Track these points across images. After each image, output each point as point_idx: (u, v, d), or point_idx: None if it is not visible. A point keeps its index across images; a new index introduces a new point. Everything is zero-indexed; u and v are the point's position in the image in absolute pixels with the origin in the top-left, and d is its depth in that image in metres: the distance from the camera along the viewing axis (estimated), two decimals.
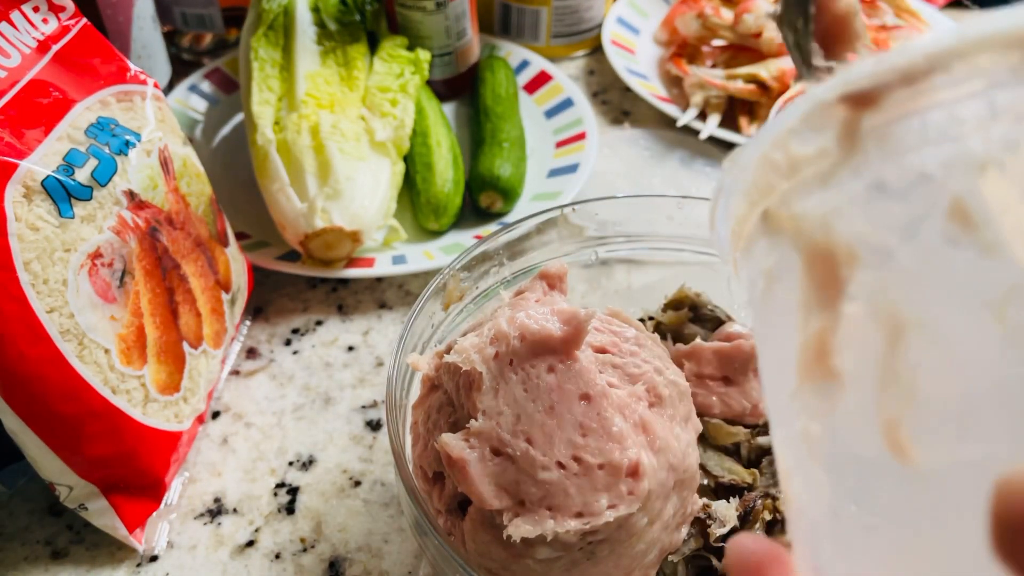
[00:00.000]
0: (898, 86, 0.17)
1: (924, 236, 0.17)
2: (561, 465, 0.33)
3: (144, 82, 0.51)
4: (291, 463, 0.53)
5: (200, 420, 0.52)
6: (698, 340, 0.44)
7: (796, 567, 0.20)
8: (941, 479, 0.16)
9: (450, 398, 0.37)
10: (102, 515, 0.46)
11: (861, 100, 0.17)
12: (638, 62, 0.88)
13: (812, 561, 0.19)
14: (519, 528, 0.32)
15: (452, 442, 0.33)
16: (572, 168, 0.72)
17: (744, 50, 0.83)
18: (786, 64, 0.78)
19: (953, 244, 0.16)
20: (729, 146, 0.78)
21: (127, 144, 0.47)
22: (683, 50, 0.86)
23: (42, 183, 0.40)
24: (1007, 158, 0.16)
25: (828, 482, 0.19)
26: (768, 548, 0.20)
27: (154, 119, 0.50)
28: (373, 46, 0.75)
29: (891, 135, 0.17)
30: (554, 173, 0.73)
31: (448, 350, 0.37)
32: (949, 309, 0.16)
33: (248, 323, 0.62)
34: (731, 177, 0.22)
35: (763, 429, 0.44)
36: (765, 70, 0.78)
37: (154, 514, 0.48)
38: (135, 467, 0.46)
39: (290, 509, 0.50)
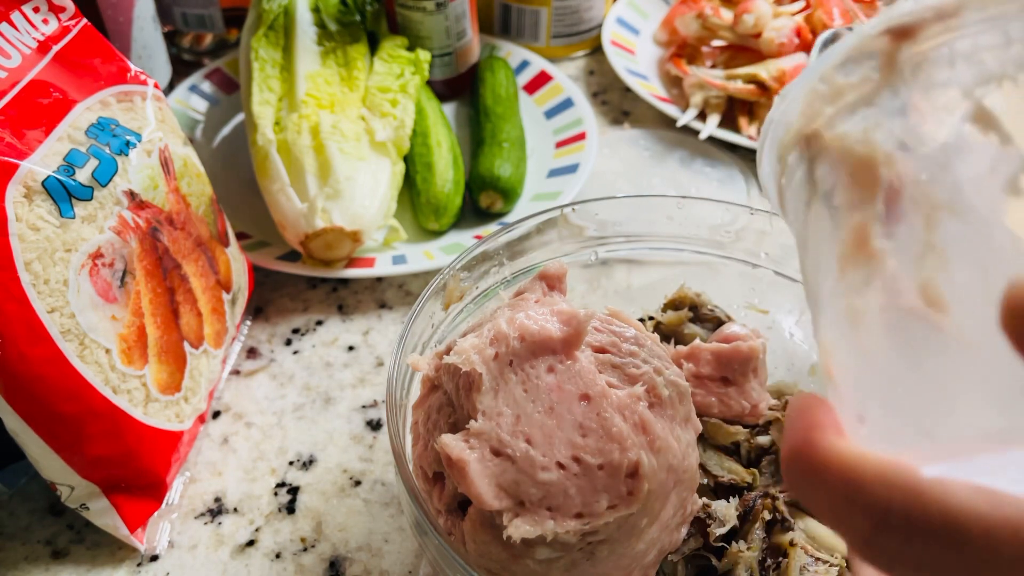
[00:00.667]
0: (932, 22, 0.21)
1: (951, 135, 0.21)
2: (561, 466, 0.33)
3: (144, 82, 0.51)
4: (291, 463, 0.53)
5: (201, 420, 0.52)
6: (697, 341, 0.44)
7: (840, 414, 0.22)
8: (969, 331, 0.19)
9: (450, 399, 0.37)
10: (103, 515, 0.46)
11: (901, 33, 0.21)
12: (638, 62, 0.88)
13: (854, 410, 0.22)
14: (519, 528, 0.32)
15: (452, 443, 0.34)
16: (572, 168, 0.72)
17: (744, 50, 0.83)
18: (785, 64, 0.78)
19: (974, 140, 0.20)
20: (729, 146, 0.78)
21: (127, 144, 0.47)
22: (683, 50, 0.86)
23: (43, 183, 0.41)
24: (1019, 74, 0.20)
25: (870, 344, 0.21)
26: (820, 397, 0.23)
27: (154, 119, 0.50)
28: (373, 46, 0.75)
29: (925, 61, 0.21)
30: (554, 173, 0.73)
31: (448, 351, 0.37)
32: (974, 190, 0.20)
33: (249, 323, 0.62)
34: (780, 109, 0.25)
35: (763, 429, 0.44)
36: (765, 70, 0.78)
37: (155, 514, 0.48)
38: (136, 467, 0.46)
39: (290, 509, 0.50)
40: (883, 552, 0.19)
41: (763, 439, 0.44)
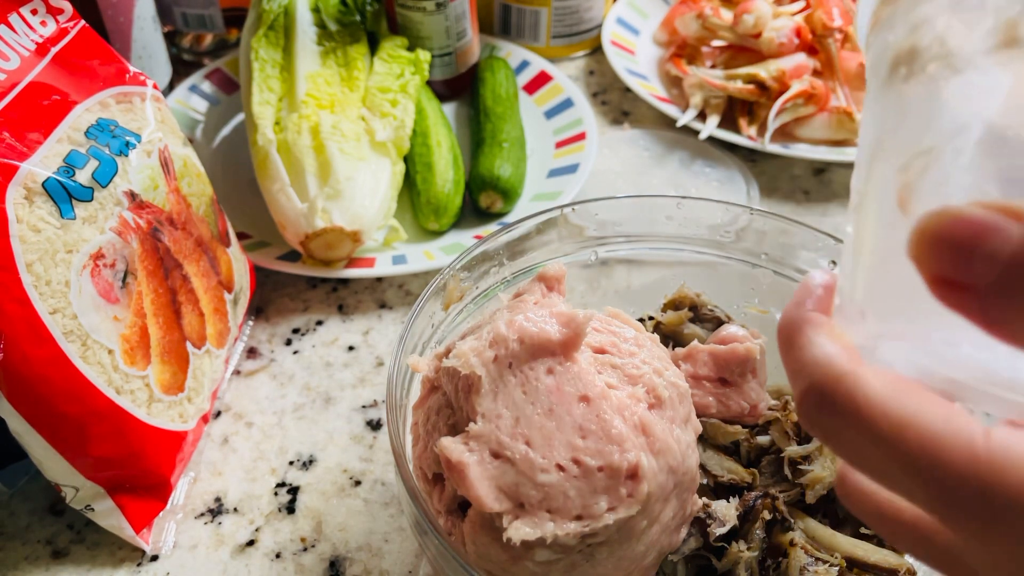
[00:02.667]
0: None
1: None
2: (561, 467, 0.33)
3: (143, 83, 0.51)
4: (291, 463, 0.53)
5: (205, 420, 0.52)
6: (695, 342, 0.44)
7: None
8: None
9: (449, 400, 0.37)
10: (108, 516, 0.46)
11: None
12: (638, 62, 0.88)
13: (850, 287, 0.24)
14: (519, 531, 0.32)
15: (451, 446, 0.34)
16: (572, 168, 0.72)
17: (743, 50, 0.83)
18: (785, 64, 0.78)
19: None
20: (729, 146, 0.78)
21: (127, 145, 0.47)
22: (683, 50, 0.86)
23: (43, 184, 0.41)
24: None
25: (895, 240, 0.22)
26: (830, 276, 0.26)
27: (154, 120, 0.50)
28: (373, 46, 0.76)
29: None
30: (554, 173, 0.73)
31: (447, 352, 0.37)
32: None
33: (251, 323, 0.62)
34: None
35: (762, 429, 0.44)
36: (764, 70, 0.78)
37: (160, 514, 0.48)
38: (141, 467, 0.46)
39: (290, 508, 0.50)
40: (813, 426, 0.23)
41: (763, 439, 0.44)
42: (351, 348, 0.61)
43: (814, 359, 0.23)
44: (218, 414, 0.56)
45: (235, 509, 0.50)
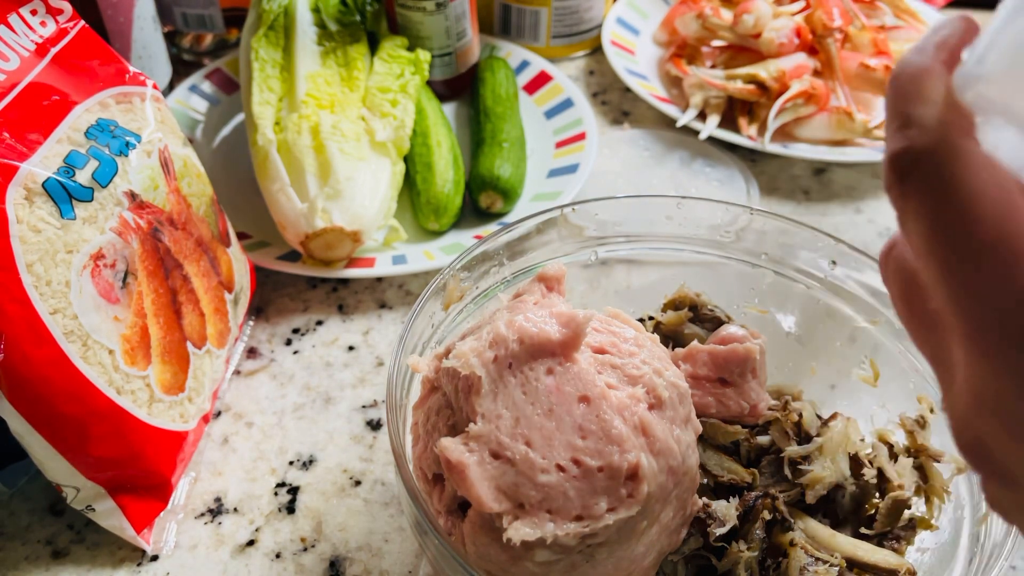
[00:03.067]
0: None
1: None
2: (560, 468, 0.33)
3: (143, 83, 0.51)
4: (291, 463, 0.53)
5: (205, 420, 0.52)
6: (695, 343, 0.44)
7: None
8: None
9: (449, 401, 0.37)
10: (109, 516, 0.46)
11: None
12: (638, 62, 0.88)
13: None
14: (519, 531, 0.32)
15: (451, 446, 0.34)
16: (572, 168, 0.72)
17: (743, 50, 0.83)
18: (785, 64, 0.78)
19: None
20: (729, 146, 0.78)
21: (127, 145, 0.47)
22: (683, 50, 0.86)
23: (43, 185, 0.41)
24: None
25: None
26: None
27: (154, 120, 0.50)
28: (373, 47, 0.76)
29: None
30: (554, 173, 0.73)
31: (447, 352, 0.37)
32: None
33: (252, 323, 0.62)
34: None
35: (762, 429, 0.44)
36: (764, 70, 0.78)
37: (161, 514, 0.48)
38: (142, 467, 0.46)
39: (290, 508, 0.50)
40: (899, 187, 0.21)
41: (763, 439, 0.44)
42: (351, 348, 0.61)
43: (925, 118, 0.21)
44: (218, 414, 0.56)
45: (235, 509, 0.50)
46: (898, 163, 0.21)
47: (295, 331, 0.62)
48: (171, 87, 0.81)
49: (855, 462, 0.42)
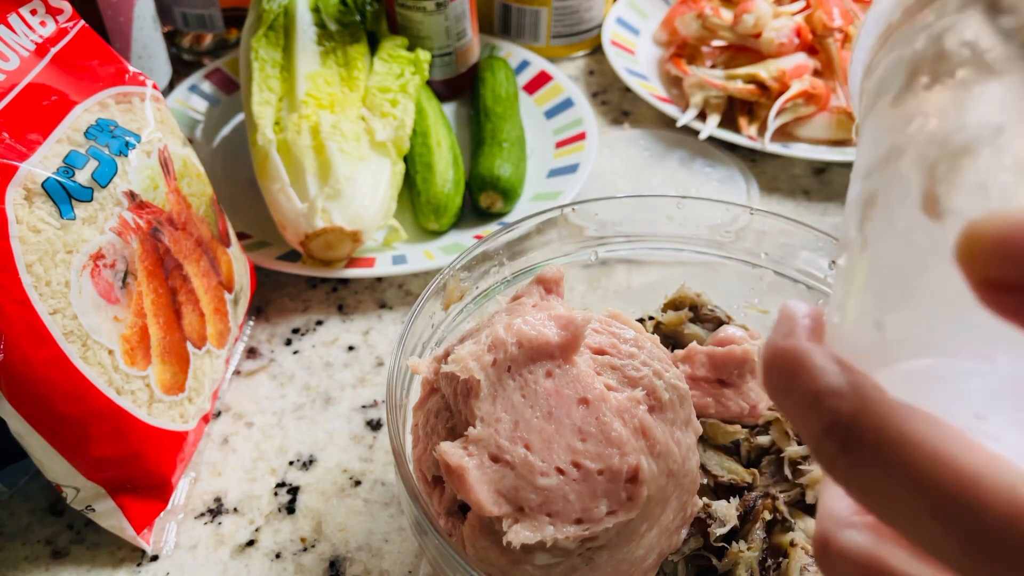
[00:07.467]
0: None
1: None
2: (560, 471, 0.33)
3: (143, 83, 0.51)
4: (291, 463, 0.53)
5: (206, 420, 0.52)
6: (694, 343, 0.44)
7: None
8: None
9: (447, 403, 0.37)
10: (109, 516, 0.46)
11: None
12: (638, 62, 0.88)
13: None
14: (518, 534, 0.32)
15: (450, 450, 0.34)
16: (572, 168, 0.72)
17: (744, 50, 0.83)
18: (785, 64, 0.78)
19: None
20: (729, 146, 0.78)
21: (127, 145, 0.47)
22: (683, 50, 0.86)
23: (43, 185, 0.41)
24: None
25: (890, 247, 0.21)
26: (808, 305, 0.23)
27: (153, 120, 0.50)
28: (373, 46, 0.75)
29: None
30: (554, 173, 0.73)
31: (446, 355, 0.37)
32: None
33: (252, 323, 0.62)
34: (872, 15, 0.25)
35: (762, 429, 0.44)
36: (764, 70, 0.78)
37: (161, 514, 0.48)
38: (142, 468, 0.46)
39: (290, 509, 0.50)
40: (843, 474, 0.20)
41: (763, 439, 0.44)
42: (351, 348, 0.61)
43: (829, 390, 0.20)
44: (218, 414, 0.56)
45: (235, 509, 0.50)
46: (833, 438, 0.20)
47: (295, 331, 0.62)
48: (171, 87, 0.81)
49: None
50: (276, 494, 0.51)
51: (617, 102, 0.86)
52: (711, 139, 0.78)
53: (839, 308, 0.22)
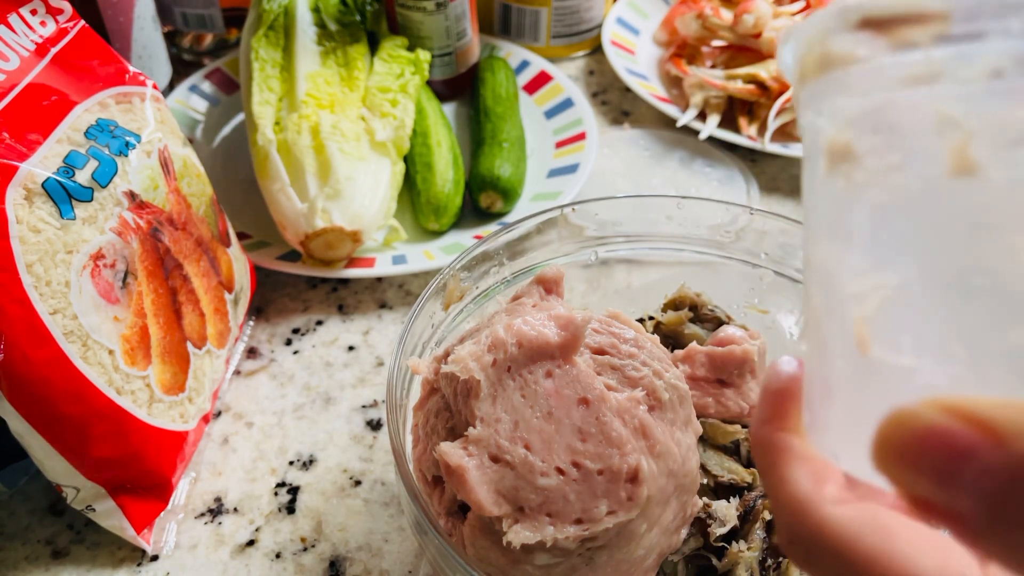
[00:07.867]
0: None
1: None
2: (560, 471, 0.33)
3: (143, 83, 0.51)
4: (291, 463, 0.53)
5: (206, 420, 0.52)
6: (694, 344, 0.44)
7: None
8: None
9: (447, 403, 0.37)
10: (110, 516, 0.46)
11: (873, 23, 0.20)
12: (638, 62, 0.88)
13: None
14: (518, 534, 0.32)
15: (450, 451, 0.34)
16: (572, 168, 0.72)
17: (743, 50, 0.83)
18: None
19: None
20: (729, 146, 0.78)
21: (127, 145, 0.47)
22: (683, 50, 0.86)
23: (43, 185, 0.41)
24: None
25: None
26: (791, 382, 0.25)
27: (153, 120, 0.50)
28: (373, 46, 0.75)
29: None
30: (554, 173, 0.73)
31: (446, 356, 0.37)
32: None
33: (252, 323, 0.62)
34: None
35: None
36: (764, 70, 0.78)
37: (161, 514, 0.48)
38: (142, 468, 0.46)
39: (290, 509, 0.50)
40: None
41: None
42: (351, 348, 0.61)
43: (788, 499, 0.23)
44: (218, 414, 0.56)
45: (235, 509, 0.50)
46: (789, 549, 0.23)
47: (295, 331, 0.62)
48: (171, 87, 0.81)
49: None
50: (276, 494, 0.51)
51: (617, 102, 0.86)
52: (711, 139, 0.78)
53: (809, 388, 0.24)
